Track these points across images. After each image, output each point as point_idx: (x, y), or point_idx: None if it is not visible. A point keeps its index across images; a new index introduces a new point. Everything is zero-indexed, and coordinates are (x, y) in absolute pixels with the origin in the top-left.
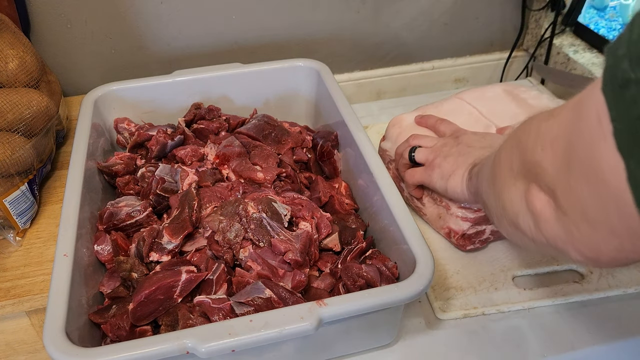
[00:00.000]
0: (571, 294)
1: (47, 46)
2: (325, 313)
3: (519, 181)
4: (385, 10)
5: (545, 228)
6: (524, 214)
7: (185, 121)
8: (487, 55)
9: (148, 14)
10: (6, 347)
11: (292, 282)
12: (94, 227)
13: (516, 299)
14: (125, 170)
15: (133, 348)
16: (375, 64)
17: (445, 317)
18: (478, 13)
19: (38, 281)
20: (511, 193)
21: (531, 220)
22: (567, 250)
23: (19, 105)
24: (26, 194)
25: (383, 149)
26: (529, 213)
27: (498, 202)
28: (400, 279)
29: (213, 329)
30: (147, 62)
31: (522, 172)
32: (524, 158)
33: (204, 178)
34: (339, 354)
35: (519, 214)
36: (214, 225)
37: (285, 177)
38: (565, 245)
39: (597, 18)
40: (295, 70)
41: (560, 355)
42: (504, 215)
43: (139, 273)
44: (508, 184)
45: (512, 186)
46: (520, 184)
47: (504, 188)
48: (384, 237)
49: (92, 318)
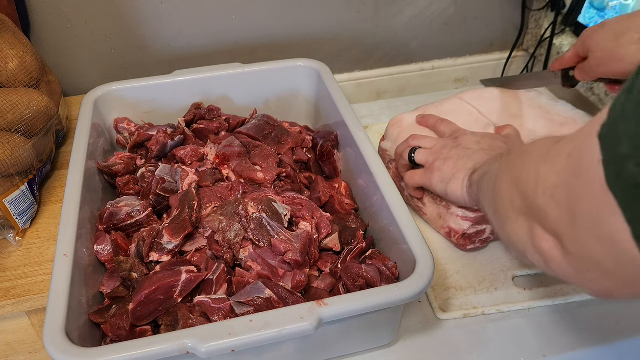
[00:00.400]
0: (571, 294)
1: (47, 46)
2: (325, 313)
3: (521, 218)
4: (385, 10)
5: (555, 266)
6: (531, 251)
7: (185, 121)
8: (487, 55)
9: (148, 13)
10: (6, 347)
11: (292, 282)
12: (94, 227)
13: (516, 299)
14: (125, 170)
15: (133, 348)
16: (375, 64)
17: (445, 317)
18: (478, 13)
19: (38, 281)
20: (515, 228)
21: (540, 258)
22: (579, 286)
23: (19, 105)
24: (26, 194)
25: (383, 149)
26: (536, 251)
27: (503, 232)
28: (400, 279)
29: (213, 329)
30: (147, 62)
31: (524, 211)
32: (526, 200)
33: (204, 178)
34: (339, 354)
35: (526, 250)
36: (214, 225)
37: (285, 177)
38: (577, 282)
39: (597, 18)
40: (295, 70)
41: (560, 355)
42: (510, 245)
43: (139, 273)
44: (511, 219)
45: (515, 222)
46: (524, 222)
47: (507, 221)
48: (384, 237)
49: (92, 318)
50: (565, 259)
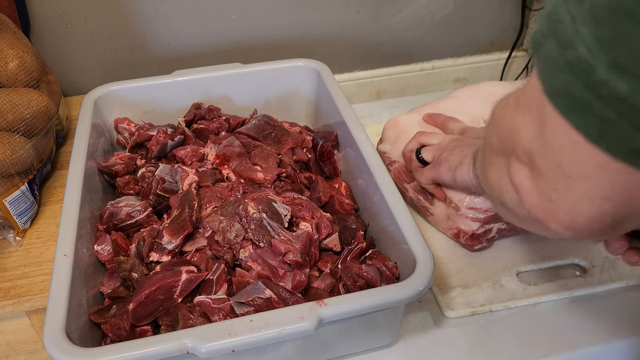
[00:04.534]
0: (575, 287)
1: (47, 46)
2: (325, 313)
3: (500, 157)
4: (385, 10)
5: (525, 199)
6: (507, 189)
7: (185, 121)
8: (487, 55)
9: (148, 14)
10: (6, 347)
11: (292, 282)
12: (94, 227)
13: (522, 295)
14: (125, 170)
15: (133, 348)
16: (375, 64)
17: (453, 315)
18: (478, 13)
19: (38, 281)
20: (494, 170)
21: (514, 194)
22: (546, 220)
23: (19, 105)
24: (26, 194)
25: (382, 152)
26: (511, 187)
27: (487, 182)
28: (400, 279)
29: (213, 329)
30: (147, 62)
31: (500, 148)
32: (502, 131)
33: (204, 178)
34: (339, 354)
35: (502, 191)
36: (214, 225)
37: (285, 177)
38: (545, 214)
39: None
40: (295, 70)
41: (560, 354)
42: (493, 195)
43: (139, 273)
44: (491, 162)
45: (494, 164)
46: (502, 160)
47: (489, 167)
48: (384, 237)
49: (92, 318)
50: (535, 184)
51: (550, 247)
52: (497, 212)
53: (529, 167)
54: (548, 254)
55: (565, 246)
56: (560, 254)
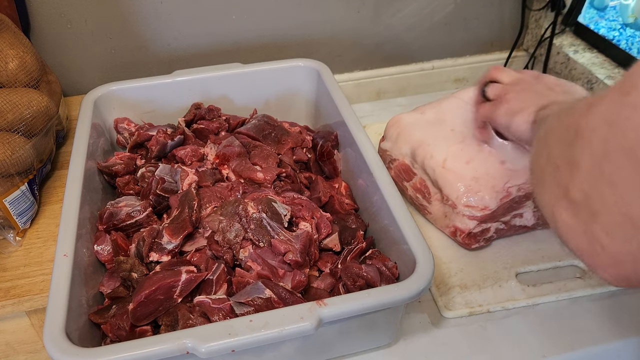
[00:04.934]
0: (575, 289)
1: (47, 46)
2: (325, 313)
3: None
4: (385, 10)
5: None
6: (551, 220)
7: (185, 121)
8: (487, 55)
9: (148, 13)
10: (6, 347)
11: (292, 282)
12: (94, 227)
13: (520, 296)
14: (125, 170)
15: (133, 348)
16: (375, 64)
17: (451, 316)
18: (478, 13)
19: (38, 281)
20: (547, 192)
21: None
22: (594, 267)
23: (19, 105)
24: (26, 194)
25: (383, 149)
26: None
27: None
28: (400, 279)
29: (213, 329)
30: (147, 62)
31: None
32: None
33: (204, 178)
34: (339, 354)
35: (550, 219)
36: (214, 225)
37: (285, 177)
38: (591, 259)
39: (597, 18)
40: (295, 70)
41: (560, 355)
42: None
43: (139, 273)
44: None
45: (546, 184)
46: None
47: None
48: (384, 237)
49: (92, 318)
50: (583, 227)
51: (550, 248)
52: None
53: (581, 203)
54: (548, 255)
55: (565, 247)
56: (559, 255)
